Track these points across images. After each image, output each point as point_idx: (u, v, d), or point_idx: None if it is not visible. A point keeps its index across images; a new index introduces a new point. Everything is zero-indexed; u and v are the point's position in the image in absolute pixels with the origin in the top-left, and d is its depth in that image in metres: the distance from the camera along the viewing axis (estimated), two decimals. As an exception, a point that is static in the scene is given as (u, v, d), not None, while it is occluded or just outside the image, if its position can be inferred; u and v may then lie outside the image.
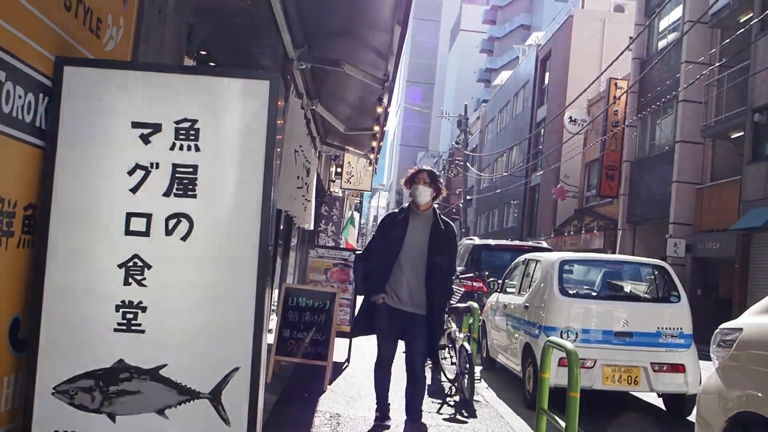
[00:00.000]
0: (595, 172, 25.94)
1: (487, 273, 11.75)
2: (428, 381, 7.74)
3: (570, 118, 26.27)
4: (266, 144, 2.40)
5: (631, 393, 7.50)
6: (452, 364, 7.54)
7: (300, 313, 6.96)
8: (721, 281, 17.49)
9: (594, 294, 7.32)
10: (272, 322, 8.35)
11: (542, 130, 32.21)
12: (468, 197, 41.96)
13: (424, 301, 5.00)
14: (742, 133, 16.53)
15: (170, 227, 2.28)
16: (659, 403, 7.58)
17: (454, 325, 7.64)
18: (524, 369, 7.47)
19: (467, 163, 40.32)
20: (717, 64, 16.11)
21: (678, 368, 6.90)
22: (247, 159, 2.39)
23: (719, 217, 17.06)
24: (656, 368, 6.83)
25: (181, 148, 2.29)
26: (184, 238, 2.28)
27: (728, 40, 14.38)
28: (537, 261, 8.00)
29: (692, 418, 7.13)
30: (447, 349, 7.84)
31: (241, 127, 2.40)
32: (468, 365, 6.76)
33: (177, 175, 2.28)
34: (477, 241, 12.84)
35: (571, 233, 26.77)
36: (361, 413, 5.89)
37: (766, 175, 14.90)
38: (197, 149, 2.31)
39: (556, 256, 7.46)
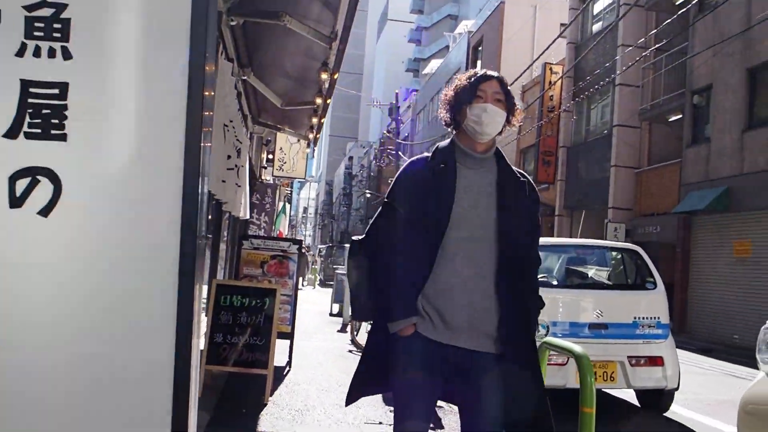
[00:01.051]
0: (531, 159, 25.70)
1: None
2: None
3: (504, 104, 25.86)
4: (190, 63, 1.48)
5: (604, 390, 6.87)
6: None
7: (234, 313, 5.99)
8: (662, 265, 17.33)
9: (564, 283, 6.63)
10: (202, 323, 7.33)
11: (475, 118, 31.78)
12: (400, 187, 41.34)
13: (495, 326, 2.39)
14: (680, 116, 16.39)
15: (18, 193, 1.33)
16: (632, 398, 7.00)
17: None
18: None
19: (399, 152, 39.71)
20: (654, 47, 15.86)
21: (656, 361, 6.30)
22: (158, 82, 1.46)
23: (659, 200, 16.91)
24: (633, 362, 6.21)
25: (37, 53, 1.34)
26: (43, 212, 1.34)
27: (666, 23, 14.09)
28: (498, 248, 7.27)
29: (670, 414, 6.64)
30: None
31: (146, 25, 1.47)
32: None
33: (31, 100, 1.33)
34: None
35: (507, 221, 26.45)
36: (311, 431, 4.99)
37: (706, 158, 14.75)
38: (66, 55, 1.36)
39: (521, 241, 6.74)
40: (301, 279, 25.00)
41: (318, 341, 10.35)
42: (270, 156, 16.34)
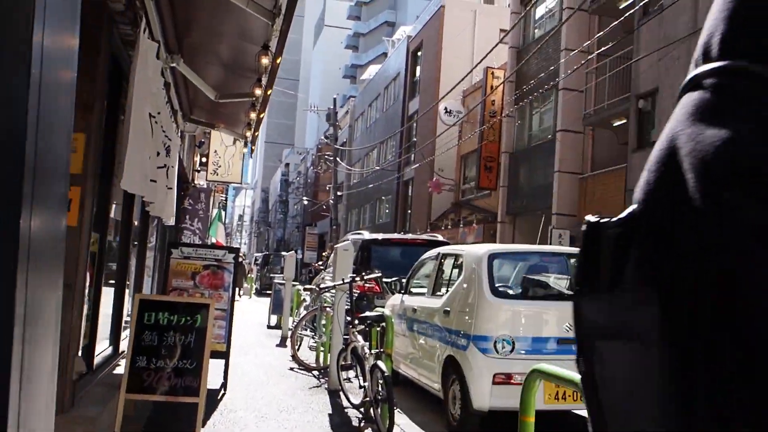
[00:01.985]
0: (472, 165, 25.43)
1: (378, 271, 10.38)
2: (327, 408, 6.19)
3: (445, 109, 25.57)
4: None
5: (574, 412, 6.34)
6: (360, 387, 6.03)
7: (160, 333, 5.17)
8: (605, 272, 17.21)
9: (531, 294, 6.08)
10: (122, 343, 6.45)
11: (415, 123, 31.46)
12: (338, 193, 40.71)
13: None
14: (624, 121, 16.29)
15: None
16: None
17: (360, 339, 6.14)
18: (446, 388, 6.11)
19: (337, 158, 39.02)
20: (597, 52, 15.71)
21: (629, 378, 5.82)
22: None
23: (604, 206, 16.75)
24: (605, 380, 5.70)
25: None
26: None
27: (609, 27, 13.91)
28: (456, 255, 6.67)
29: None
30: (354, 368, 6.33)
31: None
32: (384, 390, 5.29)
33: None
34: (367, 235, 11.41)
35: (449, 227, 26.12)
36: (252, 473, 4.25)
37: (652, 163, 14.62)
38: None
39: (483, 249, 6.15)
40: (238, 289, 23.90)
41: (256, 357, 9.54)
42: (203, 159, 15.41)
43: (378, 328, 6.31)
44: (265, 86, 5.80)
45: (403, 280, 8.19)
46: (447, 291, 6.50)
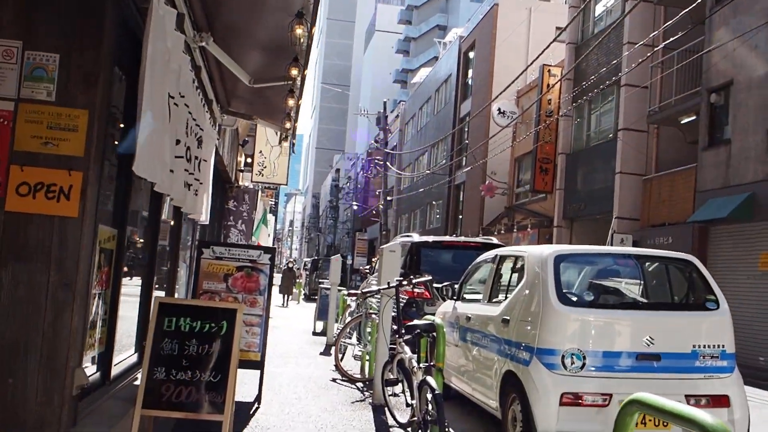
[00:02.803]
0: (526, 167, 24.50)
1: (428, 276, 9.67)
2: (370, 427, 5.53)
3: (498, 109, 24.70)
4: None
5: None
6: (407, 405, 5.34)
7: (182, 341, 4.59)
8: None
9: (603, 301, 5.30)
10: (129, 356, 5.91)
11: (466, 126, 30.64)
12: (388, 198, 40.13)
13: None
14: (693, 117, 15.19)
15: None
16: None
17: (408, 351, 5.45)
18: (505, 407, 5.36)
19: (387, 163, 38.45)
20: (663, 44, 14.67)
21: (721, 401, 4.98)
22: None
23: (670, 209, 15.66)
24: (692, 402, 4.87)
25: None
26: None
27: (677, 17, 12.88)
28: (516, 257, 5.92)
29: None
30: (401, 383, 5.65)
31: None
32: (435, 410, 4.60)
33: None
34: (416, 237, 10.70)
35: (501, 232, 25.20)
36: None
37: (726, 162, 13.53)
38: None
39: (549, 250, 5.39)
40: (286, 296, 23.32)
41: (297, 366, 8.94)
42: (249, 160, 14.98)
43: (428, 339, 5.60)
44: (302, 65, 5.18)
45: (456, 286, 7.47)
46: (506, 297, 5.76)
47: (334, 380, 7.99)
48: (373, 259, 32.79)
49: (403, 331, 5.56)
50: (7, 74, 3.53)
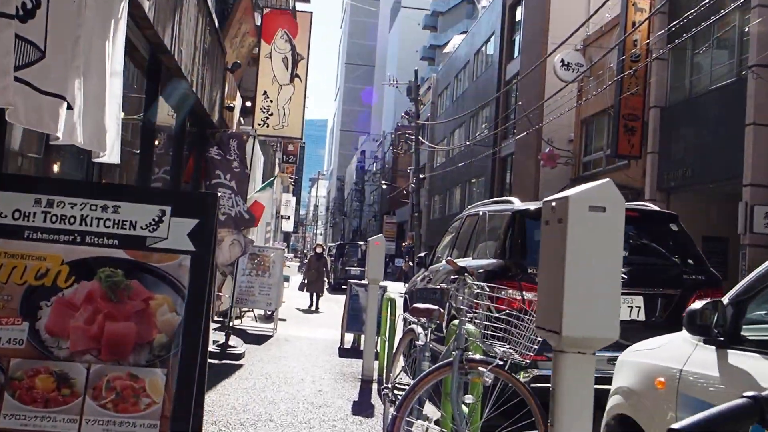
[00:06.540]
0: (600, 129, 20.03)
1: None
2: None
3: (562, 61, 20.20)
4: None
5: None
6: None
7: None
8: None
9: None
10: None
11: (515, 87, 26.18)
12: (421, 176, 35.86)
13: None
14: None
15: None
16: None
17: None
18: None
19: (419, 137, 34.14)
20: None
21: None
22: None
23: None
24: None
25: None
26: None
27: None
28: None
29: None
30: None
31: None
32: None
33: None
34: (518, 204, 6.32)
35: (566, 210, 20.76)
36: None
37: None
38: None
39: None
40: (316, 295, 18.58)
41: None
42: (248, 104, 10.78)
43: None
44: None
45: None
46: None
47: None
48: (416, 248, 28.29)
49: None
50: None
